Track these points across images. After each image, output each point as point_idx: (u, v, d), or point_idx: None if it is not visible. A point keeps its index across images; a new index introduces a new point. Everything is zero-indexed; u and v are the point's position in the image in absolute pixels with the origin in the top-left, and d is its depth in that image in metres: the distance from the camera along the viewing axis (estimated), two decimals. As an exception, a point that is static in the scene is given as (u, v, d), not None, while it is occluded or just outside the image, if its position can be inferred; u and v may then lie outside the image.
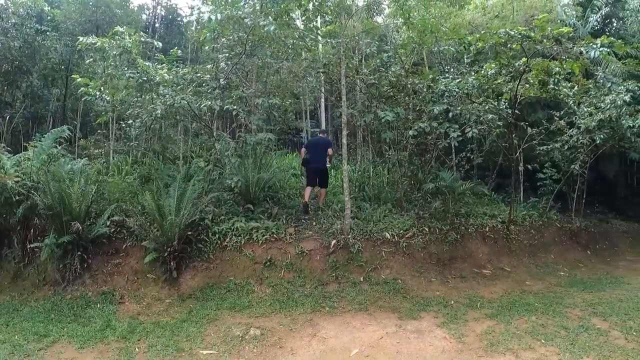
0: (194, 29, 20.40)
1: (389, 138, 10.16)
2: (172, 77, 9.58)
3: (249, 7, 9.28)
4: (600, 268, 10.75)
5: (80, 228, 7.69)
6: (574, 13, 17.32)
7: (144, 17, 24.85)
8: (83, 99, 10.99)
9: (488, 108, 9.93)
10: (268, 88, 12.35)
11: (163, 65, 10.09)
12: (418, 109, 10.20)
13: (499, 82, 9.68)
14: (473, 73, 9.80)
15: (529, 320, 6.46)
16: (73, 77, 11.92)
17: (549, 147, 12.01)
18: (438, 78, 9.94)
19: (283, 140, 19.19)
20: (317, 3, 9.01)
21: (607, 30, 18.43)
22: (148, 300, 7.41)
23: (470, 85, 9.42)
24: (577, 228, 12.56)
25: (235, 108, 9.46)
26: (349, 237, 8.46)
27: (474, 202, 11.66)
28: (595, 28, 17.07)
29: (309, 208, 9.83)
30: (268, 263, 7.98)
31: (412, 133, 9.33)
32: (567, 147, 11.98)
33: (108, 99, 11.11)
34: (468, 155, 12.63)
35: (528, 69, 9.22)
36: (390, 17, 16.06)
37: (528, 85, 10.07)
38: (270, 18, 8.50)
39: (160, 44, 10.54)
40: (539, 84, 9.89)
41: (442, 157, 12.44)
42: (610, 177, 18.20)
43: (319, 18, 10.88)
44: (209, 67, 10.89)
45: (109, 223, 8.32)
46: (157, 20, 25.56)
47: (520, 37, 8.23)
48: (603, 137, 11.24)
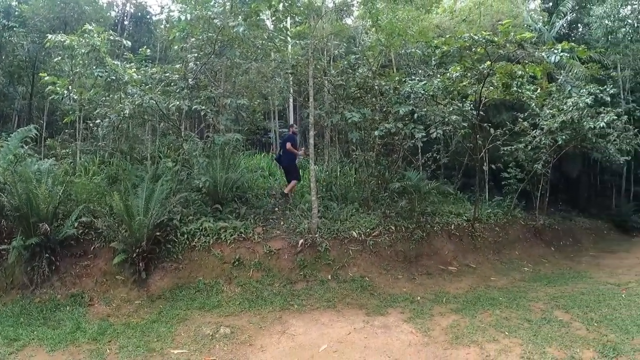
0: (164, 28, 20.19)
1: (356, 138, 10.30)
2: (140, 76, 9.53)
3: (219, 7, 9.29)
4: (564, 264, 11.14)
5: (48, 229, 7.55)
6: (540, 18, 17.85)
7: (113, 14, 24.45)
8: (50, 98, 10.82)
9: (452, 109, 10.18)
10: (236, 88, 12.35)
11: (132, 65, 10.02)
12: (384, 110, 10.36)
13: (464, 84, 9.92)
14: (439, 75, 10.01)
15: (494, 314, 6.66)
16: (40, 75, 11.70)
17: (513, 147, 12.39)
18: (404, 80, 10.12)
19: (251, 141, 19.19)
20: (287, 4, 9.10)
21: (572, 35, 19.07)
22: (118, 302, 7.35)
23: (436, 87, 9.64)
24: (541, 225, 12.97)
25: (204, 108, 9.44)
26: (317, 236, 8.56)
27: (440, 201, 11.92)
28: (561, 33, 17.63)
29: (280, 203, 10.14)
30: (237, 263, 8.01)
31: (377, 133, 9.47)
32: (530, 147, 12.38)
33: (75, 98, 10.92)
34: (434, 156, 12.91)
35: (492, 72, 9.48)
36: (360, 19, 16.24)
37: (492, 88, 10.36)
38: (240, 19, 8.53)
39: (129, 43, 10.46)
40: (503, 87, 10.18)
41: (408, 157, 12.65)
42: (574, 176, 18.77)
43: (289, 19, 10.96)
44: (178, 66, 10.82)
45: (77, 224, 8.17)
46: (126, 18, 25.23)
47: (484, 41, 8.45)
48: (565, 138, 11.64)
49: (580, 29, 20.63)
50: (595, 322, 6.20)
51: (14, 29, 16.42)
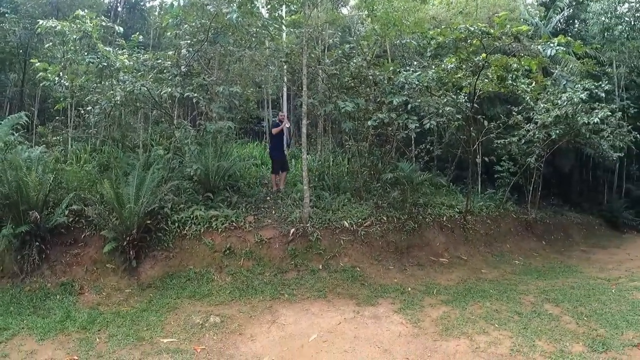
0: (157, 14, 19.98)
1: (349, 128, 10.27)
2: (132, 63, 9.40)
3: (213, -7, 9.18)
4: (555, 257, 11.18)
5: (38, 217, 7.51)
6: (537, 12, 17.80)
7: (106, 0, 24.20)
8: (41, 85, 10.65)
9: (447, 101, 10.17)
10: (230, 76, 12.22)
11: (124, 51, 9.87)
12: (378, 100, 10.29)
13: (459, 76, 9.87)
14: (434, 67, 9.97)
15: (484, 306, 6.69)
16: (32, 61, 11.52)
17: (507, 140, 12.39)
18: (399, 70, 10.07)
19: (244, 129, 19.12)
20: (282, -8, 9.03)
21: (569, 31, 19.05)
22: (108, 291, 7.32)
23: (430, 79, 9.58)
24: (532, 219, 13.00)
25: (196, 96, 9.36)
26: (308, 225, 8.55)
27: (432, 192, 11.94)
28: (558, 28, 17.62)
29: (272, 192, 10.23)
30: (227, 251, 8.00)
31: (371, 123, 9.45)
32: (524, 141, 12.39)
33: (67, 85, 10.79)
34: (428, 147, 12.89)
35: (487, 65, 9.44)
36: (355, 8, 16.15)
37: (487, 80, 10.33)
38: (234, 5, 8.44)
39: (122, 29, 10.29)
40: (498, 80, 10.16)
41: (401, 148, 12.65)
42: (566, 171, 18.82)
43: (284, 7, 10.88)
44: (171, 53, 10.70)
45: (68, 212, 8.13)
46: (119, 4, 24.89)
47: (480, 33, 8.44)
48: (559, 132, 11.65)
49: (577, 25, 20.62)
50: (585, 316, 6.22)
51: (6, 15, 16.19)
